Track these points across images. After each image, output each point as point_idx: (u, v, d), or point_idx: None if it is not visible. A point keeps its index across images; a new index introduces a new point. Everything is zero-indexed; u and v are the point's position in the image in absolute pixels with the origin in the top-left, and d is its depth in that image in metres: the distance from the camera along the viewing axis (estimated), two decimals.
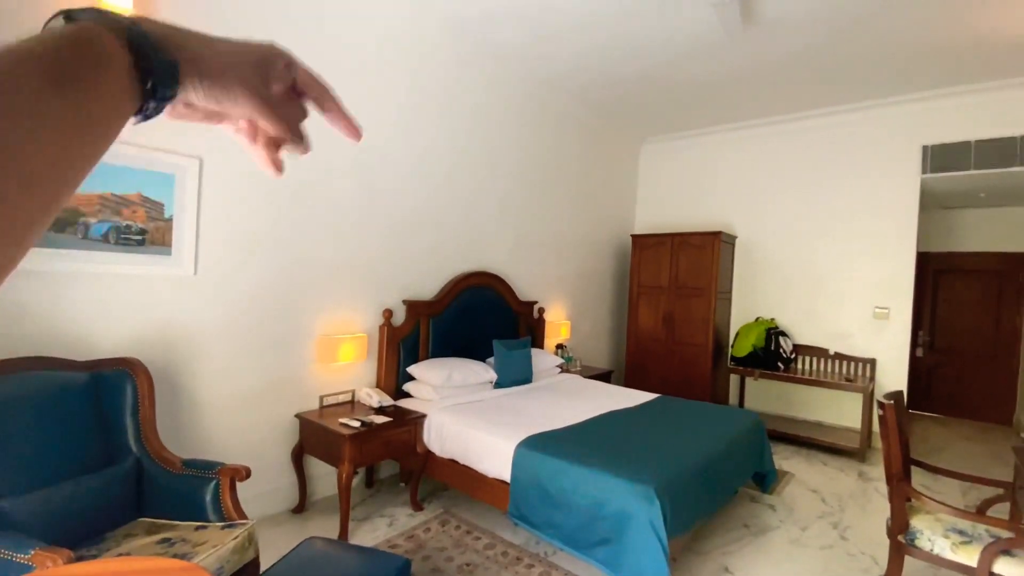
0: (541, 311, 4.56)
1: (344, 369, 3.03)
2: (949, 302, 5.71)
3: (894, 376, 4.29)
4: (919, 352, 5.70)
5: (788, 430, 4.34)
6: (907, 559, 2.01)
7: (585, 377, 4.25)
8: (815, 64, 3.79)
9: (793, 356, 4.64)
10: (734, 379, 5.10)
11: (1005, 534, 1.81)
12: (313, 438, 2.70)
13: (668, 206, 5.74)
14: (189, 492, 1.92)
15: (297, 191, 2.78)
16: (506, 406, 3.10)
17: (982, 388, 5.49)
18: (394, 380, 3.22)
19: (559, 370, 4.29)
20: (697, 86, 4.27)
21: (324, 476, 2.92)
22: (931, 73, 3.85)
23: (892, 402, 2.05)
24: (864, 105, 4.43)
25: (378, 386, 3.18)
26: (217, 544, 1.69)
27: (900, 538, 1.99)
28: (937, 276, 5.73)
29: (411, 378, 3.24)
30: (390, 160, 3.26)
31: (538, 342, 4.48)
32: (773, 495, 3.27)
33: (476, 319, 3.78)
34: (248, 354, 2.61)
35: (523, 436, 2.50)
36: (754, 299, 5.09)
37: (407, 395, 3.23)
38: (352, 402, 3.02)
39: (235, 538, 1.74)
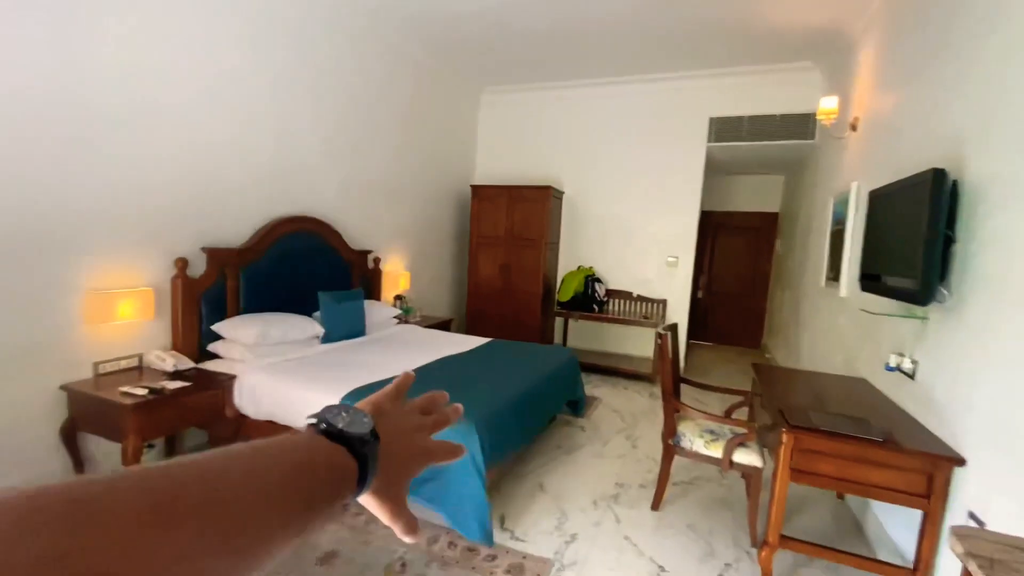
0: (377, 261, 4.39)
1: (126, 330, 2.55)
2: (723, 253, 7.02)
3: (680, 314, 5.17)
4: (700, 294, 6.94)
5: (600, 362, 4.98)
6: (676, 458, 2.49)
7: (425, 327, 4.27)
8: (632, 30, 4.11)
9: (606, 299, 5.27)
10: (559, 321, 5.62)
11: (742, 431, 2.34)
12: (87, 412, 2.25)
13: (506, 159, 5.88)
14: None
15: (31, 98, 2.14)
16: (333, 361, 2.96)
17: (741, 321, 6.96)
18: (195, 340, 2.83)
19: (397, 321, 4.23)
20: (531, 36, 4.33)
21: (111, 454, 2.48)
22: (719, 53, 4.47)
23: (668, 333, 2.46)
24: (669, 76, 5.00)
25: (174, 348, 2.76)
26: None
27: (670, 441, 2.45)
28: (716, 231, 6.96)
29: (219, 337, 2.88)
30: (180, 75, 2.70)
31: (375, 293, 4.34)
32: (584, 418, 3.75)
33: (301, 269, 3.47)
34: None
35: (349, 389, 2.43)
36: (577, 249, 5.59)
37: (216, 356, 2.88)
38: (140, 368, 2.58)
39: None
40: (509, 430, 2.45)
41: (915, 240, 1.90)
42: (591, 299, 5.11)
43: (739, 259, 6.96)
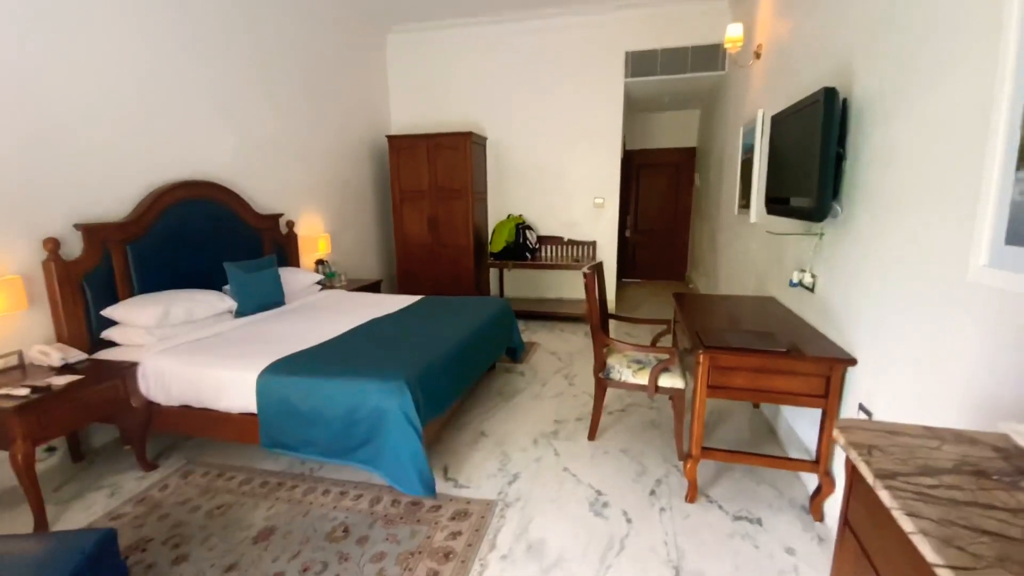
0: (290, 225, 4.10)
1: None
2: (646, 191, 7.19)
3: (609, 254, 5.29)
4: (627, 234, 7.13)
5: (537, 308, 5.04)
6: (609, 390, 2.59)
7: (351, 291, 4.09)
8: None
9: (537, 246, 5.28)
10: (494, 272, 5.60)
11: (665, 357, 2.45)
12: None
13: (421, 105, 5.57)
14: None
15: None
16: (251, 335, 2.77)
17: (666, 256, 7.27)
18: (84, 329, 2.53)
19: (320, 288, 4.02)
20: None
21: (2, 462, 2.22)
22: None
23: (592, 272, 2.48)
24: (584, 10, 4.85)
25: (59, 340, 2.46)
26: None
27: (600, 375, 2.53)
28: (639, 170, 7.08)
29: (113, 323, 2.60)
30: (22, 20, 2.25)
31: (291, 260, 4.07)
32: (523, 364, 3.82)
33: (201, 240, 3.17)
34: None
35: (266, 363, 2.29)
36: (506, 198, 5.50)
37: (112, 344, 2.60)
38: (21, 366, 2.28)
39: None
40: (443, 385, 2.42)
41: (810, 160, 1.98)
42: (523, 247, 5.09)
43: (661, 196, 7.17)
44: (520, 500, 2.16)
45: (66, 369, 2.25)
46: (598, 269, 2.66)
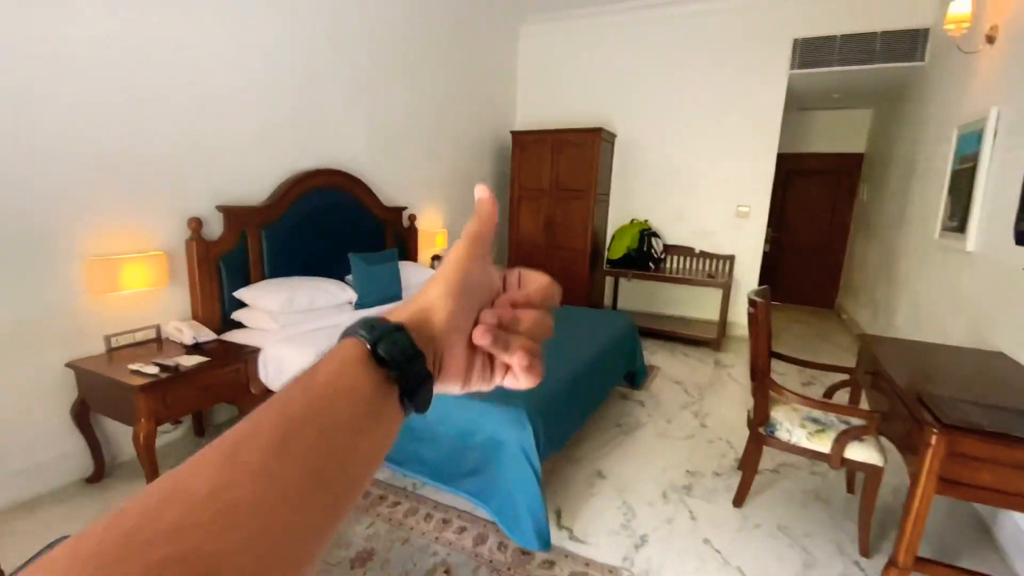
0: (412, 218, 4.03)
1: (139, 299, 2.31)
2: (795, 201, 6.25)
3: (749, 271, 4.60)
4: (766, 248, 6.25)
5: (655, 326, 4.52)
6: (765, 449, 2.08)
7: None
8: None
9: (663, 256, 4.75)
10: (609, 281, 5.16)
11: (855, 421, 1.89)
12: (96, 392, 2.05)
13: (550, 100, 5.29)
14: None
15: (20, 44, 1.82)
16: None
17: (813, 277, 6.26)
18: (218, 308, 2.58)
19: None
20: None
21: (127, 433, 2.30)
22: None
23: (763, 302, 1.99)
24: None
25: (194, 317, 2.52)
26: None
27: (761, 430, 2.03)
28: (788, 177, 6.17)
29: (243, 304, 2.63)
30: (186, 15, 2.32)
31: (410, 254, 4.00)
32: (643, 391, 3.37)
33: (329, 229, 3.16)
34: None
35: None
36: (630, 200, 5.03)
37: (239, 325, 2.63)
38: (159, 340, 2.36)
39: None
40: (566, 414, 2.09)
41: None
42: (646, 256, 4.60)
43: (814, 208, 6.19)
44: (650, 574, 1.76)
45: (195, 348, 2.27)
46: (764, 295, 2.15)
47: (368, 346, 0.27)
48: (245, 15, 2.62)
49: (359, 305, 3.05)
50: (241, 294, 2.58)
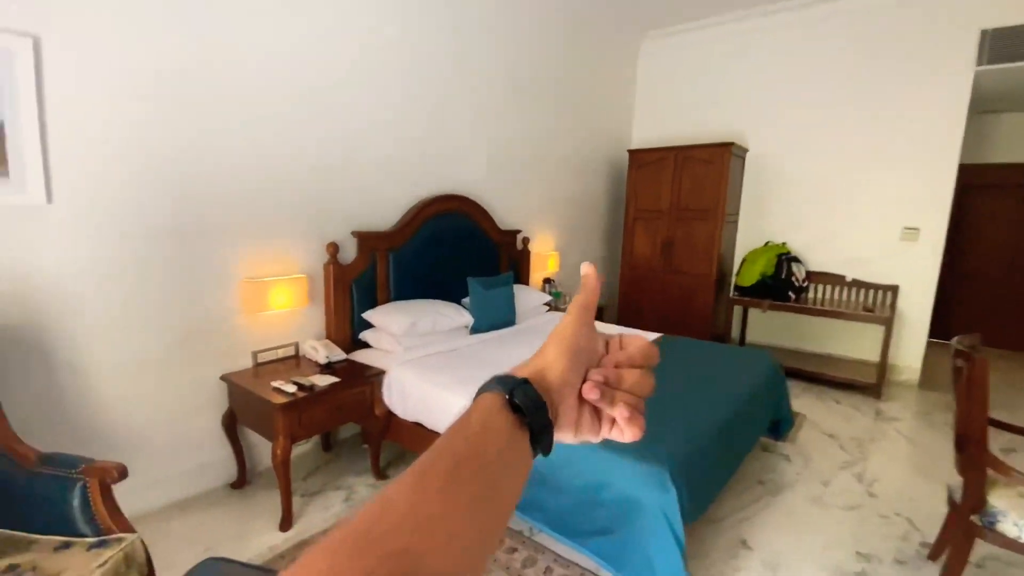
0: (526, 241, 3.98)
1: (282, 318, 2.47)
2: (977, 221, 5.20)
3: (918, 304, 3.86)
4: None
5: (795, 364, 3.95)
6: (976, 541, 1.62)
7: None
8: None
9: (806, 284, 4.17)
10: (737, 311, 4.66)
11: None
12: (243, 405, 2.20)
13: (671, 116, 4.99)
14: (50, 497, 1.42)
15: (189, 87, 2.06)
16: (483, 356, 2.60)
17: (999, 312, 5.14)
18: (348, 328, 2.69)
19: (546, 308, 3.79)
20: None
21: (265, 444, 2.44)
22: None
23: (980, 357, 1.56)
24: None
25: (328, 337, 2.64)
26: None
27: (974, 518, 1.59)
28: (965, 192, 5.16)
29: (370, 325, 2.71)
30: (330, 51, 2.50)
31: (522, 277, 3.94)
32: (787, 442, 2.91)
33: (448, 253, 3.19)
34: (143, 306, 2.03)
35: None
36: (764, 221, 4.53)
37: (366, 345, 2.72)
38: (296, 357, 2.50)
39: (101, 566, 1.26)
40: (710, 473, 1.82)
41: None
42: (785, 284, 4.07)
43: (998, 229, 5.12)
44: None
45: (327, 368, 2.36)
46: (976, 346, 1.70)
47: (505, 396, 0.32)
48: (381, 49, 2.76)
49: (474, 329, 3.02)
50: (369, 315, 2.66)
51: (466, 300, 3.14)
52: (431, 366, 2.42)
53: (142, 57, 1.93)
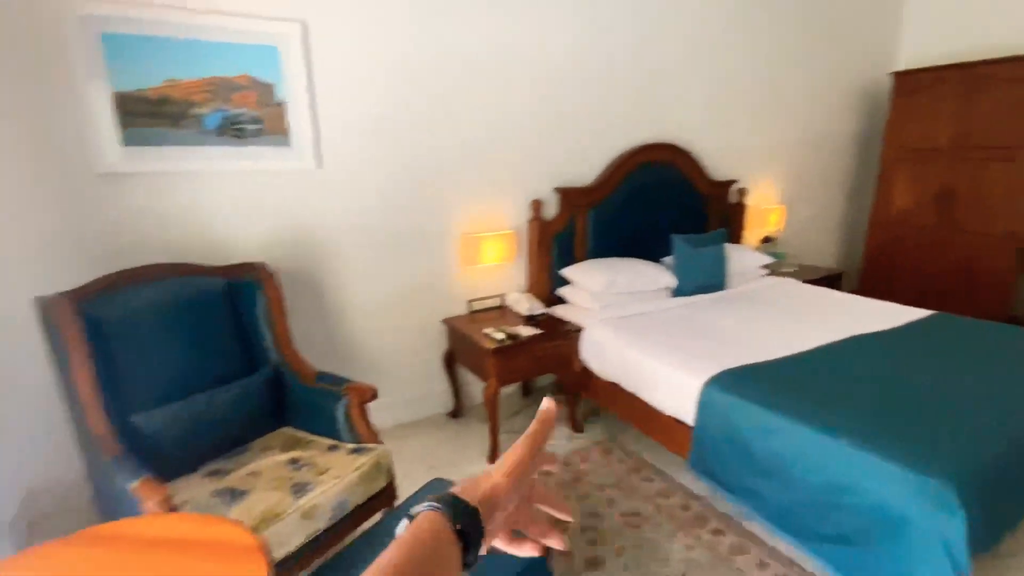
0: (742, 193, 3.48)
1: (491, 271, 2.64)
2: None
3: None
4: None
5: None
6: None
7: (803, 281, 3.19)
8: None
9: None
10: None
11: None
12: (460, 346, 2.45)
13: (956, 23, 3.71)
14: (323, 407, 1.77)
15: (426, 75, 2.28)
16: (690, 323, 2.39)
17: None
18: (547, 283, 2.74)
19: (765, 272, 3.29)
20: None
21: (476, 382, 2.68)
22: None
23: None
24: None
25: (529, 290, 2.74)
26: (340, 474, 1.50)
27: None
28: None
29: (566, 281, 2.72)
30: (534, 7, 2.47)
31: (735, 235, 3.47)
32: None
33: (650, 208, 2.97)
34: (386, 256, 2.38)
35: (715, 370, 1.81)
36: None
37: (562, 300, 2.74)
38: (502, 307, 2.66)
39: (358, 468, 1.53)
40: (1008, 495, 1.35)
41: None
42: None
43: None
44: None
45: (530, 319, 2.45)
46: None
47: (457, 526, 0.36)
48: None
49: (677, 292, 2.79)
50: (567, 272, 2.66)
51: (666, 259, 2.91)
52: (630, 328, 2.32)
53: (394, 47, 2.19)
